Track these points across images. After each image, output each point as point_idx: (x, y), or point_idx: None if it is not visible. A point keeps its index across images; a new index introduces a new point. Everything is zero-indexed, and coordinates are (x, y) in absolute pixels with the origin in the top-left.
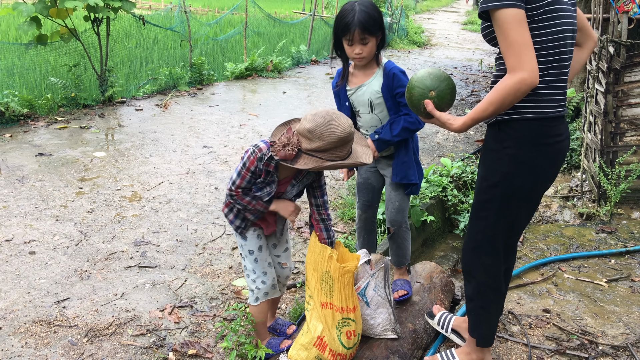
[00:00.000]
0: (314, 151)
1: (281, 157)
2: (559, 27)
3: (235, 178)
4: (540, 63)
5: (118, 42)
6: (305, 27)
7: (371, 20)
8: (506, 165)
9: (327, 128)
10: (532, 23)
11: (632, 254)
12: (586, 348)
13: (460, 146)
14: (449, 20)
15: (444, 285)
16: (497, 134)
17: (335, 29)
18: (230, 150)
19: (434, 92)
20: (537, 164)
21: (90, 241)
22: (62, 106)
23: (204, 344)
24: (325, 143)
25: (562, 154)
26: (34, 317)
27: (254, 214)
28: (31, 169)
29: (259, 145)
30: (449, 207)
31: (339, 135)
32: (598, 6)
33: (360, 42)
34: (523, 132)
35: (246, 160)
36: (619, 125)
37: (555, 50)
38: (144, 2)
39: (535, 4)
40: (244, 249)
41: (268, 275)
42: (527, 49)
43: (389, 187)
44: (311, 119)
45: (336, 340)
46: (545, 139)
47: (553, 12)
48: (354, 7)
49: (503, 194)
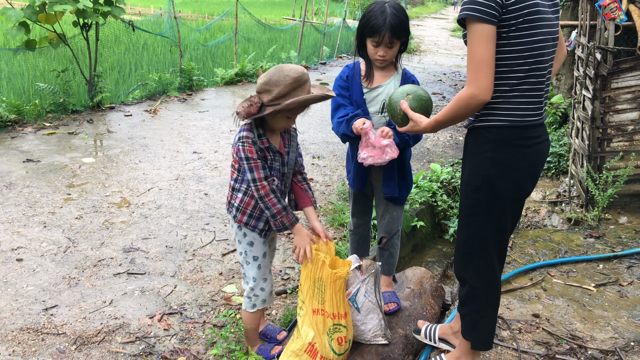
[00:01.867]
0: (274, 99)
1: (247, 114)
2: (537, 36)
3: (252, 175)
4: (517, 72)
5: (107, 48)
6: (295, 33)
7: (402, 24)
8: (486, 168)
9: (280, 74)
10: (510, 32)
11: (620, 259)
12: (575, 352)
13: (450, 152)
14: (438, 27)
15: (434, 290)
16: (476, 137)
17: (362, 28)
18: (220, 156)
19: (410, 95)
20: (517, 165)
21: (79, 248)
22: (50, 112)
23: (193, 351)
24: (282, 87)
25: (541, 155)
26: (21, 324)
27: (277, 226)
28: (19, 175)
29: (242, 135)
30: (438, 212)
31: (293, 76)
32: (585, 13)
33: (387, 45)
34: (500, 136)
35: (245, 154)
36: (606, 131)
37: (532, 60)
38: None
39: (514, 14)
40: (248, 255)
41: (268, 282)
42: (485, 67)
43: (385, 199)
44: (264, 75)
45: (327, 347)
46: (523, 140)
47: (532, 22)
48: (385, 10)
49: (487, 197)
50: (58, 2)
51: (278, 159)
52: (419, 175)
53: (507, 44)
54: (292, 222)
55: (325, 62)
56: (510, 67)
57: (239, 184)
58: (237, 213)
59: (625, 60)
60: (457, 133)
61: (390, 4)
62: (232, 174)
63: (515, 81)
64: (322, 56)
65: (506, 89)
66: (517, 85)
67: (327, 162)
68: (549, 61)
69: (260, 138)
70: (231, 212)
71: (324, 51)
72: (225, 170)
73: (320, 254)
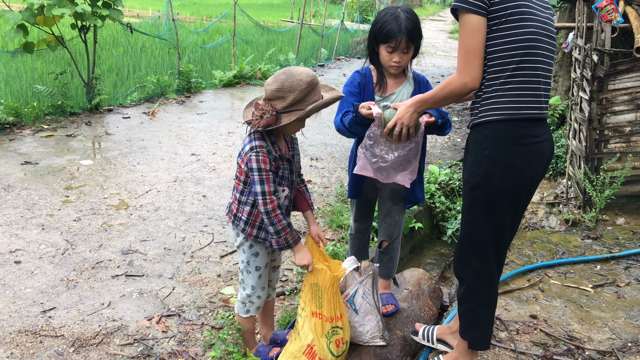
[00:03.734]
0: (290, 106)
1: (265, 124)
2: (526, 29)
3: (262, 188)
4: (508, 64)
5: (105, 50)
6: (293, 36)
7: (417, 28)
8: (484, 166)
9: (292, 79)
10: (500, 24)
11: (617, 260)
12: (573, 353)
13: (448, 153)
14: (436, 29)
15: (432, 292)
16: (476, 136)
17: (375, 35)
18: (218, 158)
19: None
20: (513, 164)
21: (77, 250)
22: (48, 114)
23: (192, 353)
24: (297, 92)
25: (541, 155)
26: (19, 327)
27: (279, 243)
28: (17, 177)
29: (255, 144)
30: (436, 214)
31: (307, 80)
32: (582, 15)
33: (403, 50)
34: (498, 134)
35: (258, 165)
36: (603, 133)
37: (522, 52)
38: (131, 10)
39: (502, 5)
40: (251, 265)
41: (264, 291)
42: (475, 57)
43: (389, 201)
44: (273, 81)
45: (325, 349)
46: (520, 139)
47: (521, 14)
48: (398, 15)
49: (484, 196)
50: (56, 4)
51: (287, 167)
52: None
53: (497, 36)
54: (296, 240)
55: (323, 64)
56: (502, 59)
57: (246, 197)
58: (245, 227)
59: (622, 62)
60: (455, 135)
61: (403, 9)
62: (237, 185)
63: (508, 73)
64: (320, 58)
65: (501, 82)
66: (510, 77)
67: (326, 164)
68: (544, 56)
69: (274, 146)
70: (238, 226)
71: (322, 53)
72: (223, 172)
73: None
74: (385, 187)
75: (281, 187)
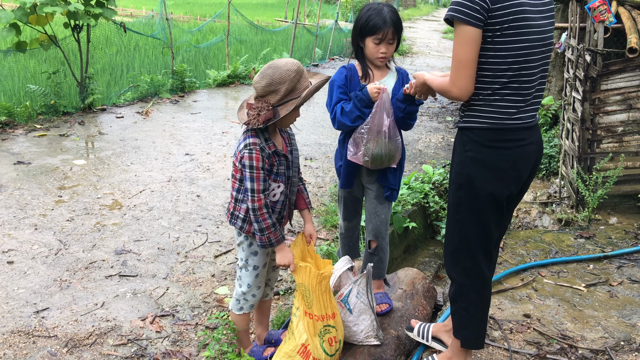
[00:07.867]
0: (284, 97)
1: (264, 120)
2: (523, 43)
3: (252, 185)
4: (500, 77)
5: (99, 49)
6: (287, 35)
7: (400, 21)
8: (467, 167)
9: (281, 71)
10: (495, 37)
11: (610, 259)
12: (566, 352)
13: (442, 153)
14: (430, 29)
15: (426, 291)
16: (461, 137)
17: (361, 28)
18: (212, 157)
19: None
20: (496, 166)
21: (70, 250)
22: (41, 114)
23: (186, 353)
24: (288, 82)
25: (525, 157)
26: (12, 327)
27: (262, 241)
28: (9, 177)
29: (249, 141)
30: (430, 213)
31: (294, 69)
32: (575, 15)
33: (389, 41)
34: (481, 137)
35: (250, 162)
36: (596, 133)
37: (516, 66)
38: (125, 9)
39: (500, 19)
40: (249, 263)
41: (260, 290)
42: (465, 68)
43: (375, 201)
44: (261, 77)
45: (319, 349)
46: (504, 142)
47: (518, 28)
48: (381, 9)
49: (468, 196)
50: (49, 3)
51: (283, 163)
52: (411, 177)
53: (492, 49)
54: (279, 240)
55: (317, 64)
56: (494, 72)
57: (242, 195)
58: (243, 224)
59: (614, 62)
60: (449, 135)
61: (384, 4)
62: (234, 184)
63: (498, 85)
64: (314, 58)
65: (488, 92)
66: (499, 89)
67: (320, 163)
68: (539, 66)
69: (267, 143)
70: (236, 224)
71: (317, 53)
72: (217, 172)
73: (300, 263)
74: (372, 187)
75: (276, 184)
